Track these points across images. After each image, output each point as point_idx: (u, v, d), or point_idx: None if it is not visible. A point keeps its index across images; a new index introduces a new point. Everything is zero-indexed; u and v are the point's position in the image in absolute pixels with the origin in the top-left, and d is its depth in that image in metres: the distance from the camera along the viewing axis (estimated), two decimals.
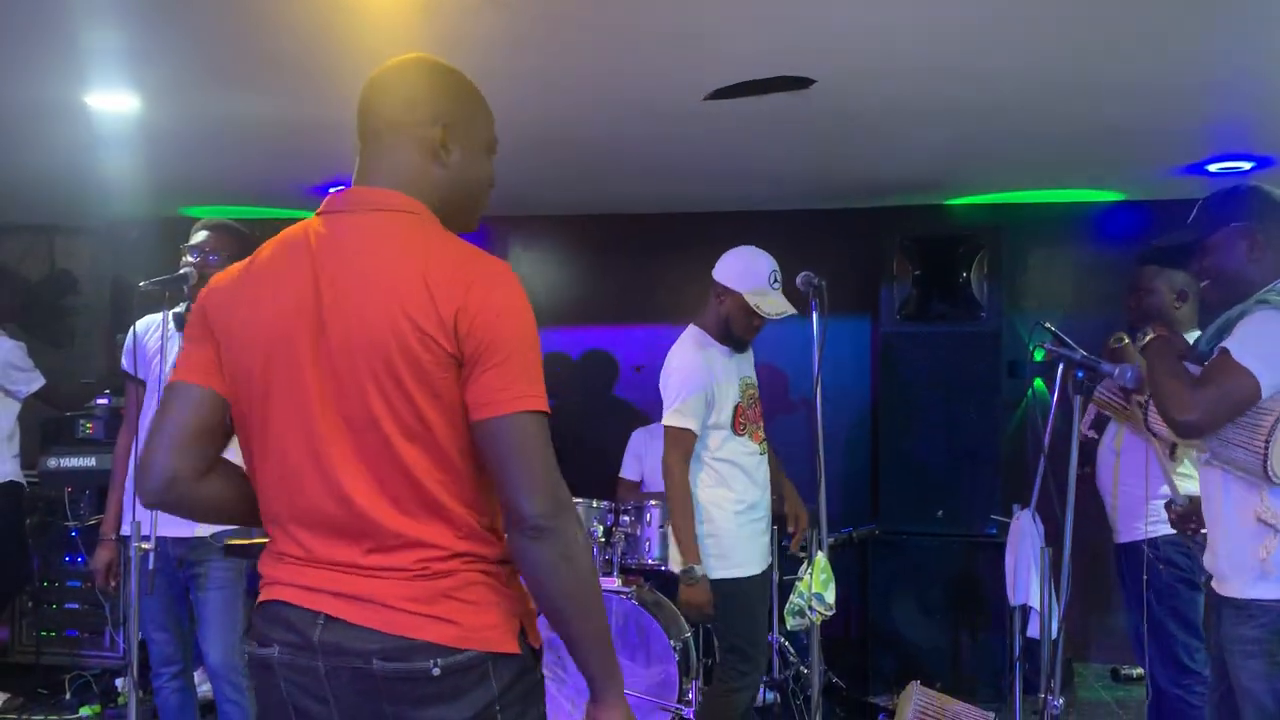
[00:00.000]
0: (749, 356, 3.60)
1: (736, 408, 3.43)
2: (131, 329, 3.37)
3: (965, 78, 3.49)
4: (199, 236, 3.30)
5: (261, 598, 1.63)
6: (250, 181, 5.09)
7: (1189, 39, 3.13)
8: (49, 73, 3.38)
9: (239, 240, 3.31)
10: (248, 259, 1.67)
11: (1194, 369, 2.51)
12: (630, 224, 5.89)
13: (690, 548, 3.32)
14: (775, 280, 3.42)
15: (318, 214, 1.65)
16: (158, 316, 3.36)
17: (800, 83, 3.48)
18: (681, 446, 3.35)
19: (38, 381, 4.73)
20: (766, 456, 3.53)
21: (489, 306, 1.50)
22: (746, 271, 3.42)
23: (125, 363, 3.37)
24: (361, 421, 1.52)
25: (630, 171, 4.90)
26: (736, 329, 3.43)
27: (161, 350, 3.26)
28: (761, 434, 3.51)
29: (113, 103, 3.67)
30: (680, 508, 3.34)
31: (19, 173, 4.81)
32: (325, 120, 3.93)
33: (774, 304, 3.38)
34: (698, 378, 3.35)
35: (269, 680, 1.59)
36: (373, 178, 1.65)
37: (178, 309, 3.28)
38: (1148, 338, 2.61)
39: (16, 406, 4.72)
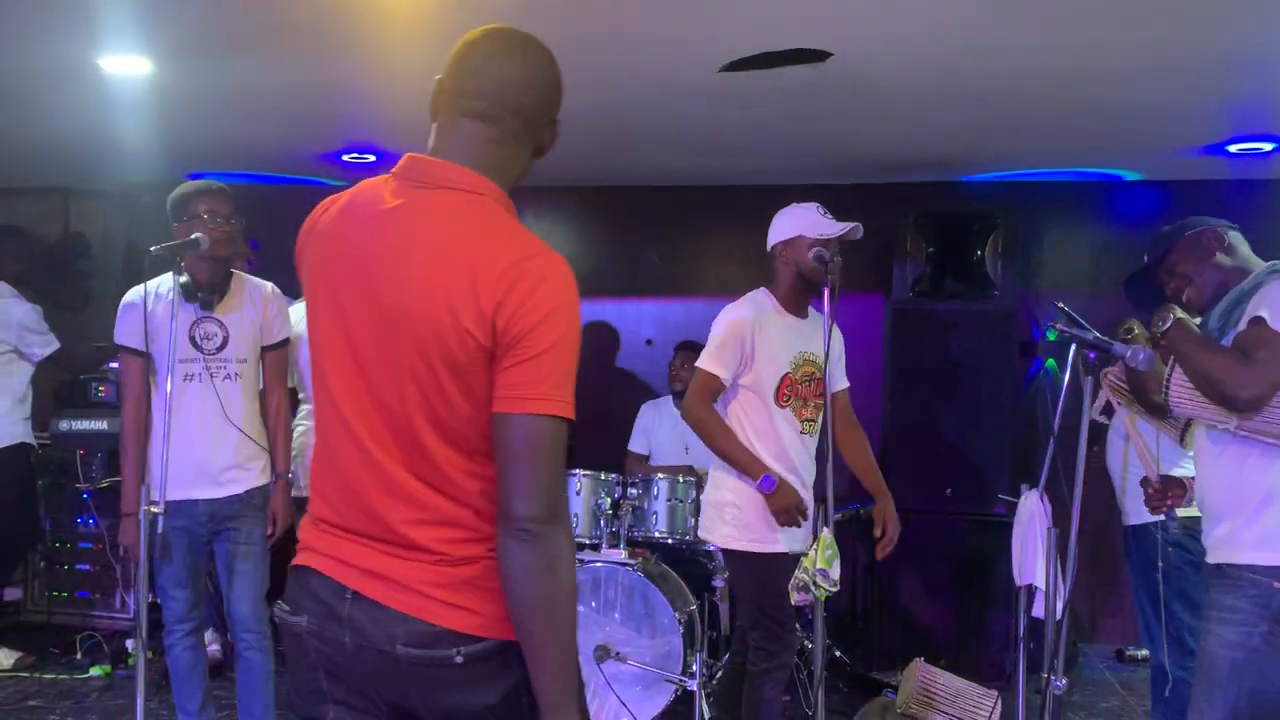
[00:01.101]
0: (819, 333, 3.38)
1: (784, 378, 3.32)
2: (123, 303, 3.37)
3: (983, 54, 3.45)
4: (202, 205, 3.28)
5: (295, 561, 1.64)
6: (262, 147, 5.08)
7: (1210, 16, 3.09)
8: (62, 35, 3.37)
9: (229, 198, 3.36)
10: (323, 207, 1.68)
11: None
12: (642, 196, 5.86)
13: (752, 462, 3.27)
14: (824, 211, 3.35)
15: (396, 175, 1.63)
16: (151, 285, 3.36)
17: (817, 56, 3.45)
18: (703, 388, 3.31)
19: (52, 345, 4.75)
20: (812, 439, 3.42)
21: (530, 304, 1.47)
22: (797, 217, 3.34)
23: (119, 335, 3.37)
24: (395, 404, 1.54)
25: (643, 143, 4.87)
26: (812, 273, 3.29)
27: (172, 319, 3.25)
28: (809, 413, 3.39)
29: (125, 65, 3.66)
30: (719, 434, 3.29)
31: (34, 135, 4.82)
32: (337, 86, 3.92)
33: (835, 224, 3.29)
34: (736, 329, 3.29)
35: (299, 646, 1.61)
36: (459, 153, 1.61)
37: (183, 279, 3.28)
38: (1168, 323, 2.57)
39: (30, 369, 4.74)
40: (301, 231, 1.70)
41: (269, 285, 3.52)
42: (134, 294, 3.38)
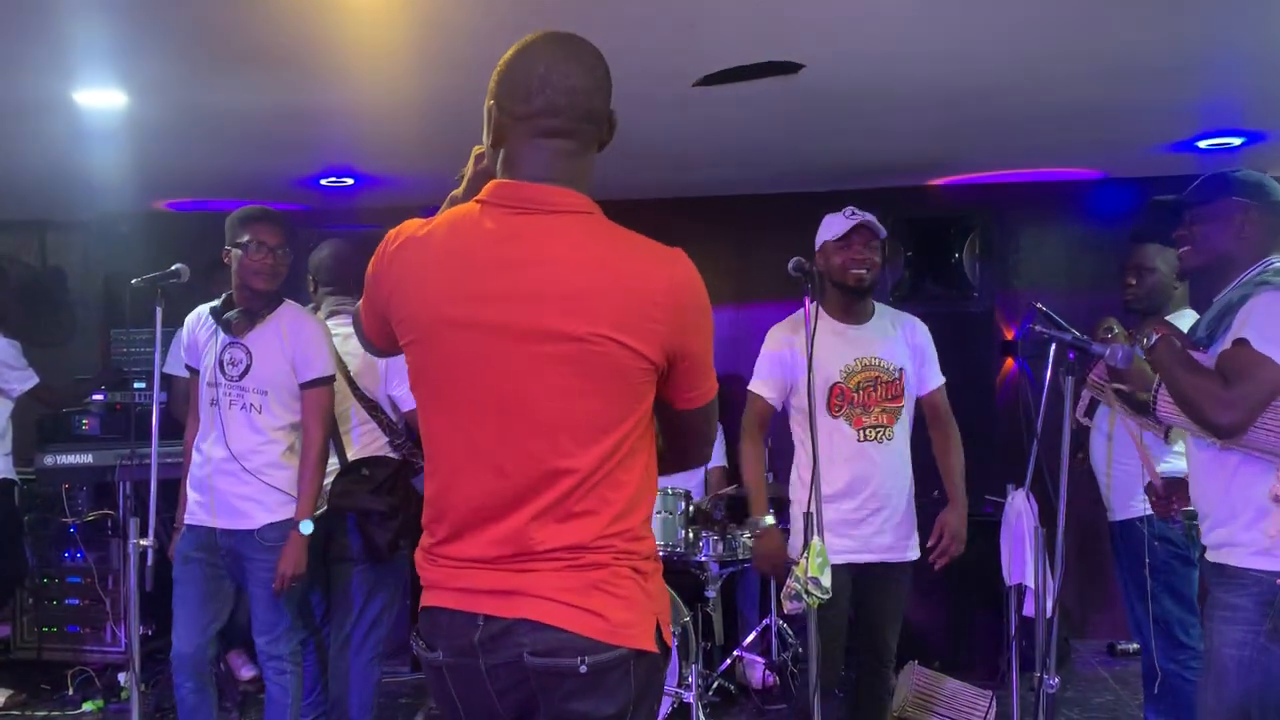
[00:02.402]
0: (881, 337, 3.31)
1: (833, 388, 3.23)
2: (185, 323, 3.36)
3: (953, 60, 3.49)
4: (248, 234, 3.21)
5: (425, 602, 1.67)
6: (240, 174, 5.08)
7: (1177, 15, 3.13)
8: (37, 70, 3.37)
9: (286, 226, 3.29)
10: (408, 237, 1.64)
11: (1200, 358, 2.49)
12: (619, 210, 5.75)
13: (755, 500, 3.28)
14: (848, 211, 3.32)
15: (493, 204, 1.61)
16: (204, 308, 3.36)
17: (789, 68, 3.48)
18: (751, 411, 3.33)
19: (31, 380, 4.73)
20: (884, 446, 3.28)
21: (692, 318, 1.61)
22: (823, 224, 3.34)
23: (187, 357, 3.39)
24: (540, 424, 1.56)
25: (619, 158, 4.86)
26: (837, 274, 3.26)
27: (155, 348, 3.28)
28: (872, 419, 3.27)
29: (100, 99, 3.66)
30: (746, 465, 3.31)
31: (9, 169, 4.81)
32: (314, 111, 3.92)
33: (843, 220, 3.28)
34: (774, 347, 3.32)
35: (439, 680, 1.66)
36: (550, 176, 1.61)
37: (214, 303, 3.29)
38: (1154, 338, 2.52)
39: (10, 405, 4.72)
40: (381, 260, 1.66)
41: (314, 321, 3.39)
42: (191, 316, 3.38)
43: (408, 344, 1.64)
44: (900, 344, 3.33)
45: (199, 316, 3.35)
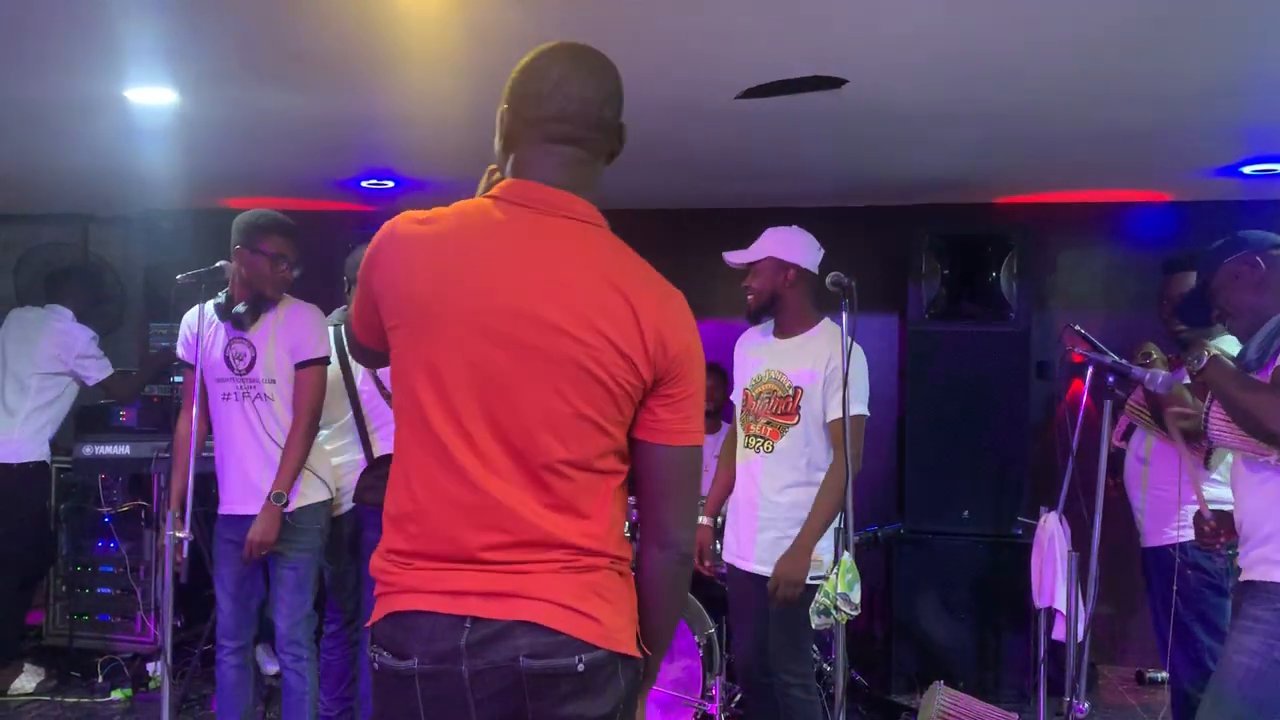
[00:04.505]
0: (795, 355, 3.38)
1: (744, 394, 3.48)
2: (198, 312, 3.41)
3: (998, 79, 3.48)
4: (271, 247, 3.34)
5: (396, 607, 1.58)
6: (283, 174, 5.14)
7: (1223, 39, 3.11)
8: (90, 68, 3.43)
9: (298, 238, 3.41)
10: (425, 226, 1.60)
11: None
12: (660, 219, 5.89)
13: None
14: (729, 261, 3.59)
15: (505, 201, 1.61)
16: (203, 306, 3.42)
17: (833, 82, 3.48)
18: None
19: (107, 370, 4.85)
20: (765, 456, 3.35)
21: (683, 343, 1.60)
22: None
23: (182, 351, 3.46)
24: (529, 423, 1.54)
25: (660, 168, 4.90)
26: None
27: (198, 338, 3.34)
28: (756, 429, 3.38)
29: (152, 97, 3.72)
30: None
31: (59, 165, 4.88)
32: (359, 113, 3.96)
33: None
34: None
35: (401, 691, 1.56)
36: (559, 181, 1.62)
37: (218, 299, 3.35)
38: (1204, 359, 2.55)
39: (74, 396, 4.85)
40: (381, 247, 1.62)
41: (310, 309, 3.50)
42: (191, 311, 3.45)
43: (398, 326, 1.58)
44: (813, 367, 3.33)
45: (205, 315, 3.41)
